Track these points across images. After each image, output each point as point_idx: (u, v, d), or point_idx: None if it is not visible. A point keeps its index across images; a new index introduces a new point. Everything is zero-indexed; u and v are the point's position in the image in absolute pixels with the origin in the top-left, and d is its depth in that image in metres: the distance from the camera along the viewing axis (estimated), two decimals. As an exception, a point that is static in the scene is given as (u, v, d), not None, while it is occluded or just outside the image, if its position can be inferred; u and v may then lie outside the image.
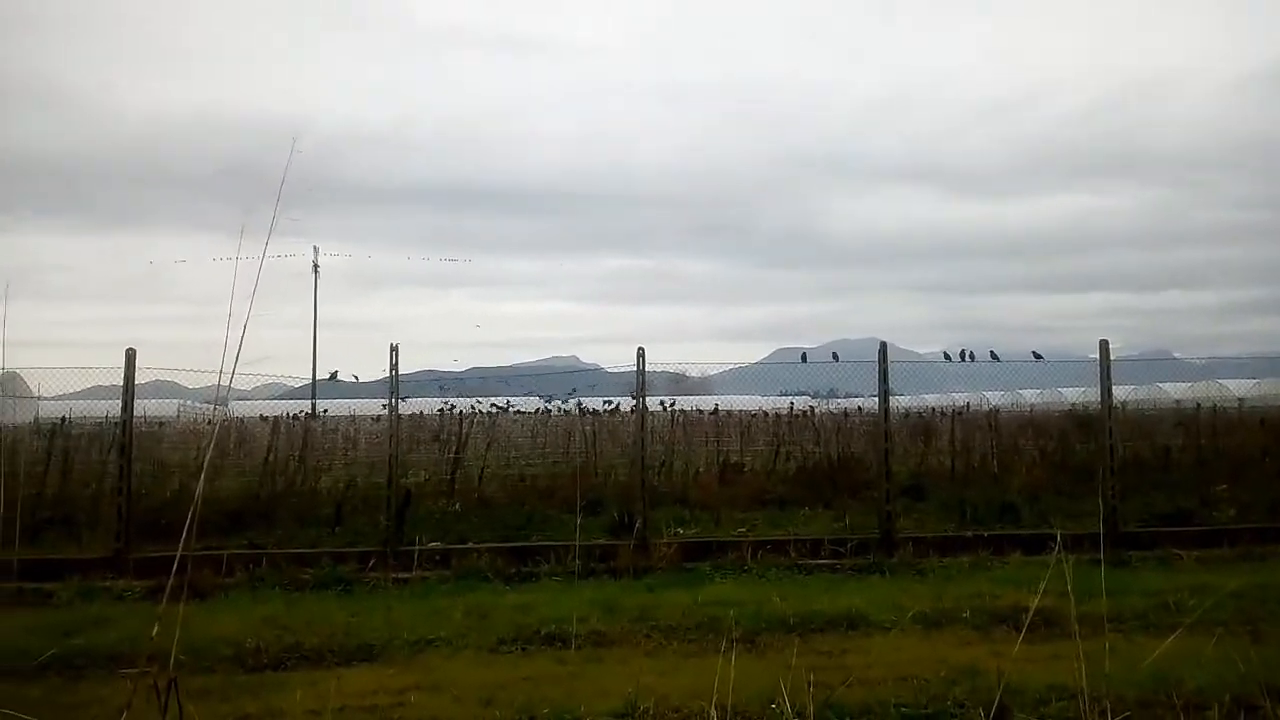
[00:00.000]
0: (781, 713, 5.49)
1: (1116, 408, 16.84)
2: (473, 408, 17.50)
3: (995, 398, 31.92)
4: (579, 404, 20.22)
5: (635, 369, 11.52)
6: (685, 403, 19.25)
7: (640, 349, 11.46)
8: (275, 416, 17.36)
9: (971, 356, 12.45)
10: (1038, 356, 13.66)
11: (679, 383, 20.99)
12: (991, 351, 12.50)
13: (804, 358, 13.24)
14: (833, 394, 28.88)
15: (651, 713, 5.50)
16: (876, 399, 11.35)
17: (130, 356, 10.76)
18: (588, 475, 15.66)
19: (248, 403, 23.59)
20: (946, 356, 12.78)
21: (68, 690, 6.18)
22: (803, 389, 28.63)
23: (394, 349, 11.33)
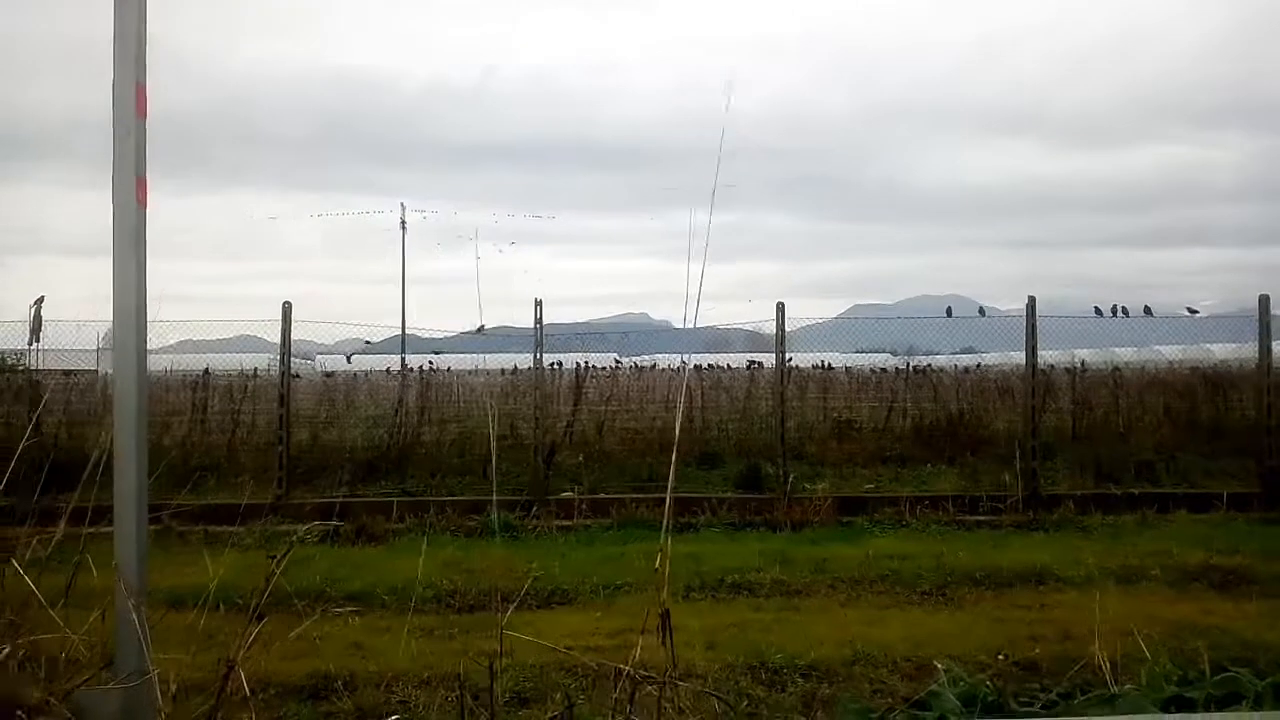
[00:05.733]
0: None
1: (1232, 364, 16.45)
2: (586, 362, 17.66)
3: (1085, 354, 31.17)
4: (684, 360, 20.25)
5: (717, 327, 11.64)
6: (768, 360, 19.08)
7: (780, 304, 11.52)
8: (399, 370, 17.75)
9: (1125, 312, 12.20)
10: (1192, 311, 13.34)
11: (755, 340, 20.90)
12: (1146, 307, 12.22)
13: (949, 312, 13.07)
14: (911, 351, 28.60)
15: (880, 663, 5.60)
16: (963, 358, 11.26)
17: (286, 311, 11.05)
18: (699, 429, 15.83)
19: (330, 357, 23.89)
20: (1098, 311, 12.52)
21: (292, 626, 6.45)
22: (880, 346, 28.43)
23: (538, 303, 11.49)
